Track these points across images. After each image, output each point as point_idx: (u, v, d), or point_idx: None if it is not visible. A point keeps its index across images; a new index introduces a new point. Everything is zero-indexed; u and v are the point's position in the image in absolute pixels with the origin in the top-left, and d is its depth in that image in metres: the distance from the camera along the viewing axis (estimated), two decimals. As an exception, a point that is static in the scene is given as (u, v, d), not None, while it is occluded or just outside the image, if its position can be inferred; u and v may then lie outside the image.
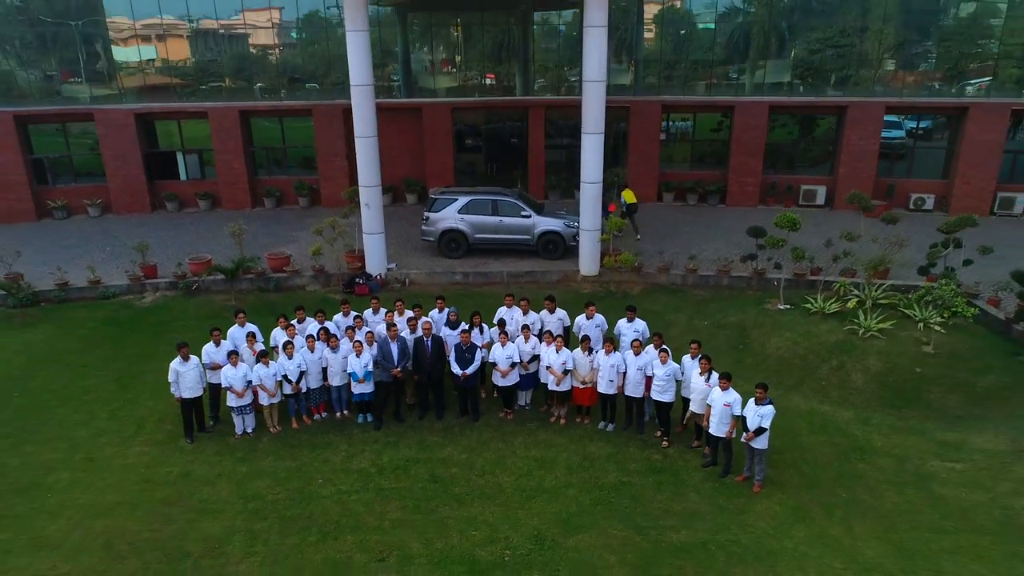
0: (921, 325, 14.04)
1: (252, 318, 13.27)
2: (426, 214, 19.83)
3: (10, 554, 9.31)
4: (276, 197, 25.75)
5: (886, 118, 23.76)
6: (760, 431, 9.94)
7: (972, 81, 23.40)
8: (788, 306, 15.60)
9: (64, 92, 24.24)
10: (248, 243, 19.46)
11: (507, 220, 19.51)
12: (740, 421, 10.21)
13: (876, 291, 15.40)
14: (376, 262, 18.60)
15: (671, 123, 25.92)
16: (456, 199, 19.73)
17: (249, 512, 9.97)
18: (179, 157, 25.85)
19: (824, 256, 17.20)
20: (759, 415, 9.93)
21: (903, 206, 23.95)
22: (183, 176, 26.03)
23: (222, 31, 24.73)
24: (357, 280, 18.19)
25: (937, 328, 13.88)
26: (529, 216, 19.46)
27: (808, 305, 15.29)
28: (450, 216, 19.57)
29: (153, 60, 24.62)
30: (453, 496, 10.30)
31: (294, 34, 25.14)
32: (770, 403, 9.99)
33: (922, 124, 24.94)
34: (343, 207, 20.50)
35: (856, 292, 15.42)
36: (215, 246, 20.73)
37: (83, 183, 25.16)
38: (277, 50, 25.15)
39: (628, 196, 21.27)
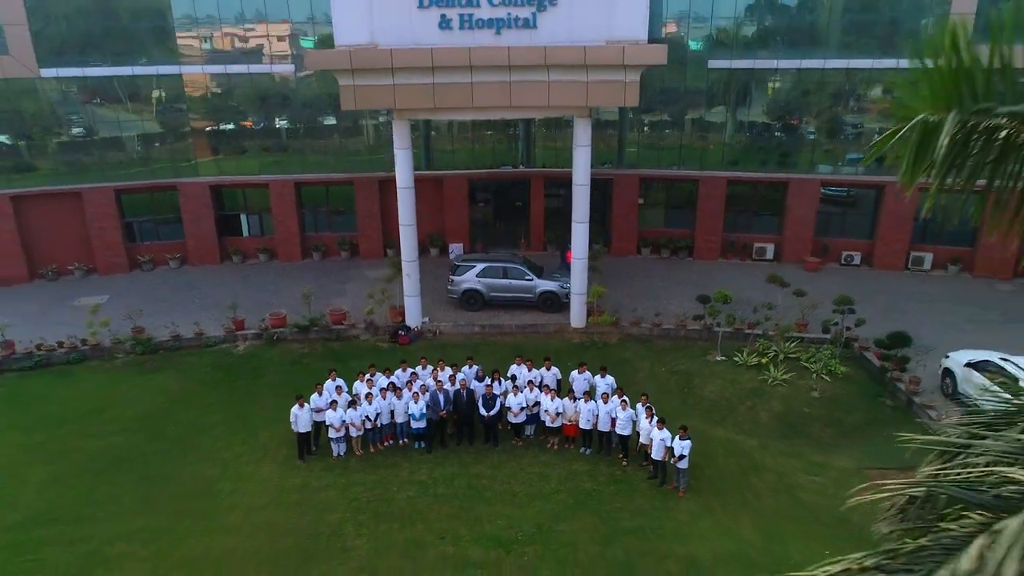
0: (814, 375, 19.55)
1: (319, 364, 18.90)
2: (451, 277, 25.32)
3: (203, 536, 14.78)
4: (322, 251, 31.27)
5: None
6: (682, 457, 15.42)
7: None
8: (723, 358, 21.12)
9: (152, 167, 29.72)
10: (288, 291, 25.11)
11: (514, 282, 25.02)
12: (670, 450, 15.68)
13: (787, 346, 20.90)
14: (414, 317, 24.07)
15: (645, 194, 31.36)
16: (474, 266, 25.23)
17: (353, 508, 15.46)
18: (243, 218, 31.38)
19: (760, 312, 22.68)
20: (681, 446, 15.40)
21: (836, 261, 29.54)
22: (245, 233, 31.57)
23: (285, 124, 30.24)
24: (400, 332, 23.66)
25: (825, 377, 19.39)
26: (532, 279, 24.96)
27: (736, 358, 20.81)
28: (470, 279, 25.07)
29: (227, 141, 30.11)
30: (483, 499, 15.78)
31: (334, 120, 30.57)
32: (689, 439, 15.46)
33: (852, 193, 30.42)
34: (376, 259, 25.98)
35: (773, 348, 20.92)
36: (280, 298, 26.23)
37: (165, 240, 30.67)
38: (327, 136, 30.60)
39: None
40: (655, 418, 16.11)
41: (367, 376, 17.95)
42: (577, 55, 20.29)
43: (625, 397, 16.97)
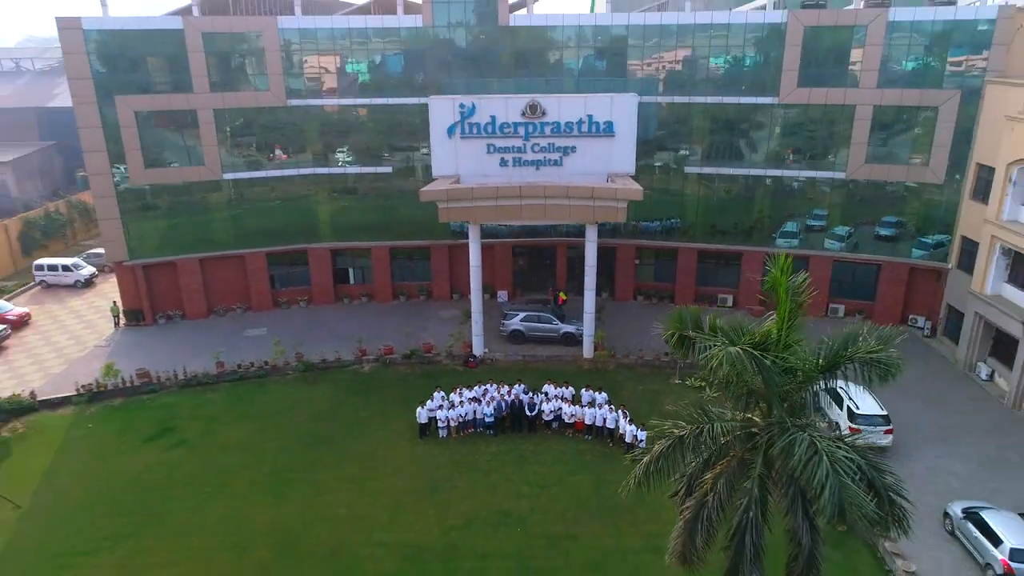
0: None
1: (419, 381, 31.01)
2: (503, 321, 37.41)
3: (374, 480, 26.94)
4: (406, 295, 43.57)
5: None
6: (641, 440, 27.24)
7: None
8: (679, 381, 32.88)
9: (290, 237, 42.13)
10: (395, 328, 37.38)
11: (545, 325, 37.03)
12: (635, 436, 27.48)
13: (721, 375, 32.54)
14: (478, 348, 36.12)
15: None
16: (518, 314, 37.32)
17: (453, 466, 27.53)
18: (350, 271, 43.77)
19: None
20: (642, 435, 27.21)
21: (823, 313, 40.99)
22: (352, 281, 43.92)
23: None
24: (469, 359, 35.75)
25: (740, 395, 30.97)
26: (557, 324, 36.96)
27: (687, 382, 32.56)
28: (515, 323, 37.14)
29: (343, 220, 42.47)
30: (527, 462, 27.74)
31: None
32: (645, 430, 27.25)
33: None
34: (445, 301, 38.27)
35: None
36: (382, 331, 38.36)
37: (297, 286, 43.14)
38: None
39: (562, 295, 38.96)
40: (628, 418, 27.99)
41: (459, 390, 30.10)
42: (587, 191, 32.23)
43: (611, 405, 28.90)
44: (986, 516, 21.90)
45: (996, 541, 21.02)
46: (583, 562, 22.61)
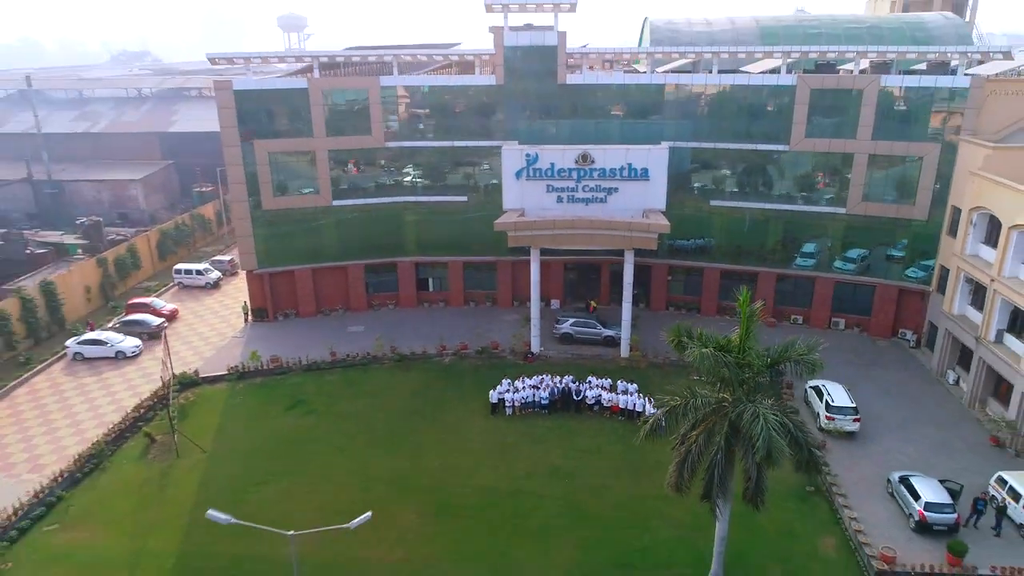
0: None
1: (487, 371, 39.90)
2: (555, 325, 46.10)
3: (461, 442, 35.96)
4: (475, 301, 52.62)
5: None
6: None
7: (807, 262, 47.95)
8: (697, 378, 40.93)
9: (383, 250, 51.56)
10: (468, 328, 46.38)
11: (590, 330, 45.58)
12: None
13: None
14: (536, 347, 44.85)
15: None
16: (568, 319, 45.98)
17: (517, 435, 36.31)
18: (430, 280, 53.06)
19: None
20: (651, 408, 35.47)
21: (788, 320, 48.62)
22: (431, 289, 53.21)
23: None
24: (527, 355, 44.52)
25: (744, 390, 38.97)
26: (599, 329, 45.46)
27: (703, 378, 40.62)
28: (566, 327, 45.80)
29: (426, 238, 51.74)
30: (574, 435, 36.33)
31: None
32: (653, 402, 35.52)
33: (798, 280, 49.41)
34: (508, 307, 47.08)
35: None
36: (456, 331, 47.43)
37: (386, 292, 52.64)
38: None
39: (593, 304, 47.22)
40: (652, 403, 36.33)
41: (521, 378, 38.95)
42: (626, 225, 40.68)
43: (640, 393, 37.29)
44: (913, 480, 29.61)
45: (917, 497, 28.74)
46: (613, 503, 31.16)
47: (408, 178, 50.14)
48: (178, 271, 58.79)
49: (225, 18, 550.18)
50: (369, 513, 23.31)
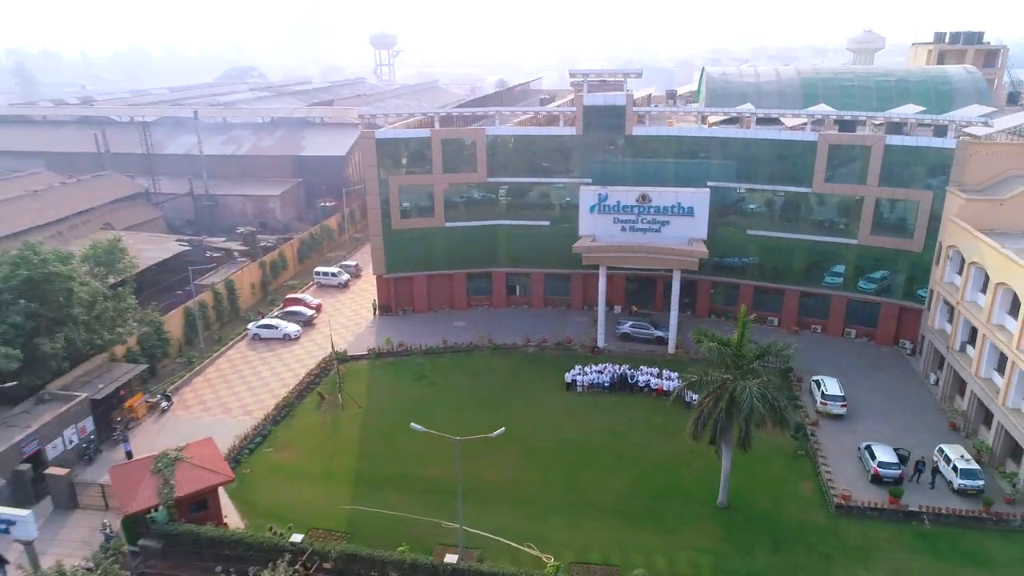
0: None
1: (563, 360, 52.70)
2: (616, 326, 58.57)
3: (543, 410, 48.86)
4: (553, 304, 65.50)
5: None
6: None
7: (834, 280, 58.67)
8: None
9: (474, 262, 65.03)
10: (547, 326, 59.29)
11: (643, 331, 57.85)
12: (690, 396, 47.79)
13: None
14: (601, 342, 57.38)
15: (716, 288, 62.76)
16: (627, 321, 58.41)
17: (588, 407, 48.91)
18: (517, 287, 66.27)
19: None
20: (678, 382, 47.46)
21: (808, 329, 59.55)
22: (517, 293, 66.39)
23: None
24: (594, 348, 57.10)
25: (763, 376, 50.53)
26: (651, 330, 57.69)
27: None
28: (625, 327, 58.26)
29: (515, 253, 65.01)
30: (627, 408, 48.69)
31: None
32: (679, 377, 47.49)
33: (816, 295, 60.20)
34: (578, 310, 59.83)
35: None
36: (537, 328, 60.35)
37: (482, 295, 66.09)
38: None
39: (635, 308, 59.18)
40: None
41: (589, 366, 51.65)
42: (673, 251, 52.82)
43: (681, 380, 49.39)
44: (873, 447, 40.84)
45: (874, 458, 40.00)
46: (653, 455, 43.49)
47: (502, 206, 63.36)
48: (317, 272, 74.00)
49: (313, 30, 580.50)
50: (503, 428, 36.37)
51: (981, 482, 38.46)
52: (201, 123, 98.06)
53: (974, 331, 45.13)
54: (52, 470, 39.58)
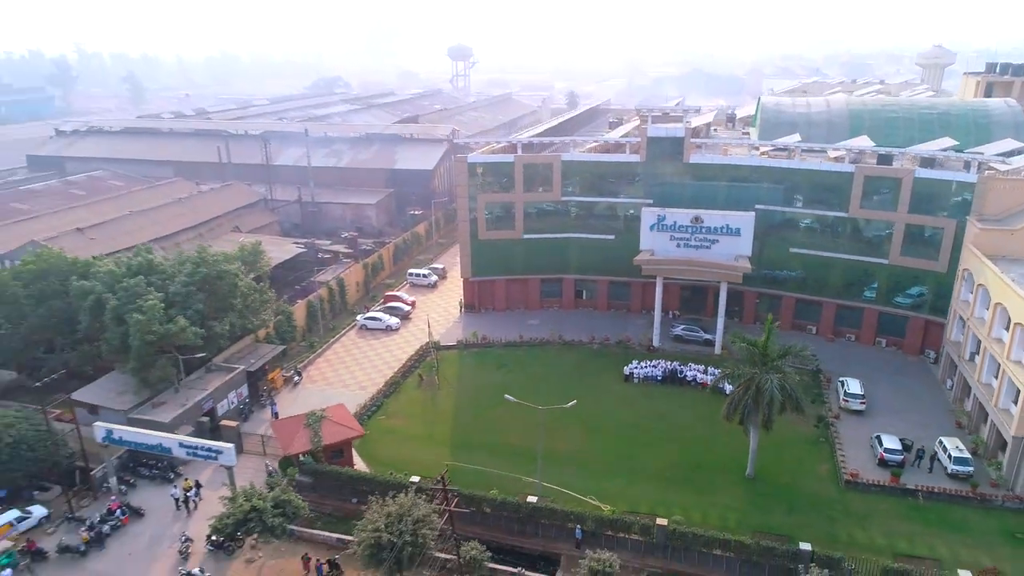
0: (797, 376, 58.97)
1: (623, 356, 62.00)
2: (671, 328, 67.58)
3: (602, 397, 58.42)
4: (615, 308, 74.87)
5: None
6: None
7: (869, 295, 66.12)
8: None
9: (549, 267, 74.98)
10: (609, 326, 68.73)
11: (693, 333, 66.69)
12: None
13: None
14: (656, 342, 66.47)
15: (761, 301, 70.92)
16: (680, 325, 67.39)
17: (643, 396, 58.22)
18: (584, 291, 75.94)
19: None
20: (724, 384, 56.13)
21: (844, 338, 67.19)
22: (584, 297, 76.06)
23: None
24: (650, 347, 66.24)
25: (796, 376, 58.72)
26: (700, 332, 66.49)
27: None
28: (678, 330, 67.25)
29: (583, 263, 74.71)
30: (677, 397, 57.71)
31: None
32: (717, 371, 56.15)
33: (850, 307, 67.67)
34: (637, 314, 68.94)
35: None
36: (601, 328, 69.84)
37: (553, 298, 76.02)
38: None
39: (676, 312, 67.60)
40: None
41: (645, 361, 60.93)
42: (720, 265, 61.53)
43: (722, 375, 58.19)
44: (883, 436, 48.84)
45: (881, 445, 48.05)
46: (694, 435, 52.49)
47: (573, 221, 73.11)
48: (411, 274, 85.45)
49: (389, 36, 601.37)
50: (575, 401, 46.30)
51: (971, 468, 46.09)
52: (297, 135, 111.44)
53: (979, 343, 52.32)
54: (225, 423, 51.63)
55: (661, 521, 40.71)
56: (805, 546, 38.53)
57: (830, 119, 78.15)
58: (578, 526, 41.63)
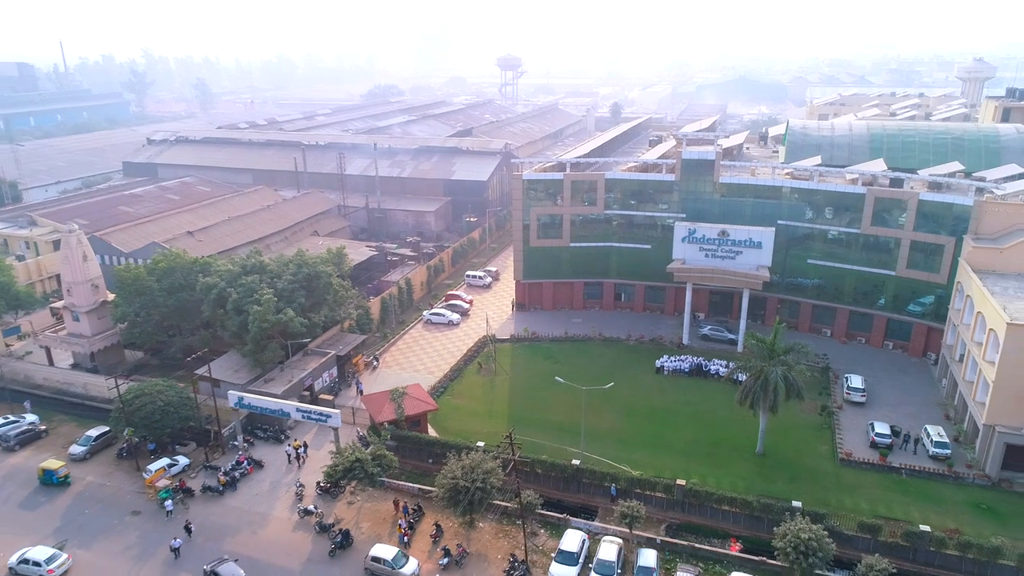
0: (808, 372, 67.49)
1: (655, 351, 71.25)
2: (699, 329, 76.62)
3: (636, 386, 67.90)
4: (650, 310, 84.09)
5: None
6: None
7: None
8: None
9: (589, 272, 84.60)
10: (644, 326, 78.08)
11: (719, 333, 75.62)
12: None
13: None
14: (686, 340, 75.55)
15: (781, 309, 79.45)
16: (707, 326, 76.45)
17: (671, 385, 67.47)
18: (622, 294, 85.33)
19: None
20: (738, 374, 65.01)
21: (856, 340, 75.38)
22: (622, 299, 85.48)
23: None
24: (680, 344, 75.33)
25: (806, 372, 67.27)
26: (725, 332, 75.39)
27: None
28: (705, 330, 76.28)
29: (621, 268, 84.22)
30: (701, 388, 66.75)
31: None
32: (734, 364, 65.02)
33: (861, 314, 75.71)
34: (670, 315, 78.10)
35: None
36: (637, 327, 79.21)
37: (594, 299, 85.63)
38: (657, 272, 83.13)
39: (700, 315, 76.36)
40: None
41: (674, 356, 70.18)
42: (742, 274, 70.42)
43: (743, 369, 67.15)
44: (876, 423, 57.34)
45: (874, 430, 56.58)
46: (714, 418, 61.61)
47: (614, 231, 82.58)
48: (468, 275, 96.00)
49: (439, 41, 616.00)
50: (612, 383, 56.15)
51: (949, 451, 54.36)
52: (364, 148, 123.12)
53: (966, 346, 60.25)
54: (322, 396, 62.75)
55: (680, 482, 50.17)
56: (797, 504, 47.54)
57: (851, 142, 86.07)
58: (613, 484, 51.29)
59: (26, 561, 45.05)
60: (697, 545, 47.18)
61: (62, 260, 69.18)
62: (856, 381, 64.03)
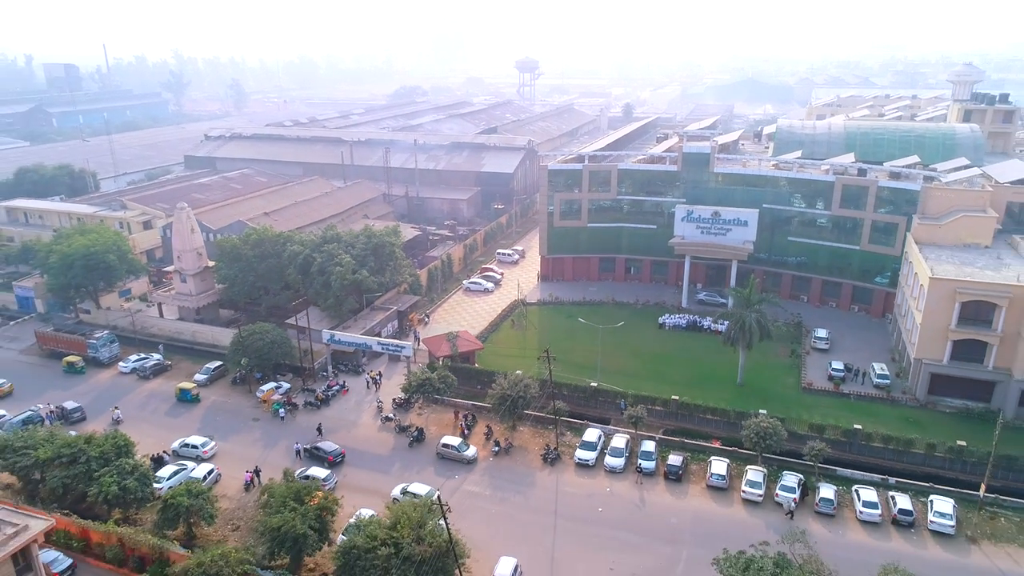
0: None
1: (658, 311, 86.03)
2: (696, 295, 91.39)
3: (644, 336, 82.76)
4: (655, 280, 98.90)
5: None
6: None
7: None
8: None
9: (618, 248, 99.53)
10: (650, 293, 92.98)
11: (713, 298, 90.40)
12: (734, 335, 80.00)
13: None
14: (684, 303, 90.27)
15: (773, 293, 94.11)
16: (703, 293, 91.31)
17: (672, 338, 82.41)
18: (632, 268, 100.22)
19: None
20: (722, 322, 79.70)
21: (827, 305, 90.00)
22: (631, 272, 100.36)
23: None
24: (679, 307, 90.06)
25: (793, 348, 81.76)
26: (718, 298, 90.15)
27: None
28: (702, 295, 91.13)
29: (632, 246, 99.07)
30: (697, 339, 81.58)
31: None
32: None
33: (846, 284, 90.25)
34: (673, 285, 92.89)
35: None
36: (644, 294, 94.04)
37: (608, 272, 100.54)
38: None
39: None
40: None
41: (674, 315, 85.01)
42: (729, 247, 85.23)
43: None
44: (833, 362, 72.05)
45: (830, 366, 71.26)
46: (705, 360, 76.45)
47: (625, 213, 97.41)
48: (499, 252, 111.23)
49: (456, 42, 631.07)
50: (623, 322, 71.21)
51: (888, 381, 69.04)
52: (403, 144, 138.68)
53: (907, 301, 74.76)
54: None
55: (675, 397, 65.11)
56: (762, 411, 62.31)
57: (829, 139, 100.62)
58: (622, 400, 66.28)
59: (186, 445, 60.70)
60: (687, 441, 62.15)
61: (174, 232, 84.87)
62: (822, 332, 78.72)
